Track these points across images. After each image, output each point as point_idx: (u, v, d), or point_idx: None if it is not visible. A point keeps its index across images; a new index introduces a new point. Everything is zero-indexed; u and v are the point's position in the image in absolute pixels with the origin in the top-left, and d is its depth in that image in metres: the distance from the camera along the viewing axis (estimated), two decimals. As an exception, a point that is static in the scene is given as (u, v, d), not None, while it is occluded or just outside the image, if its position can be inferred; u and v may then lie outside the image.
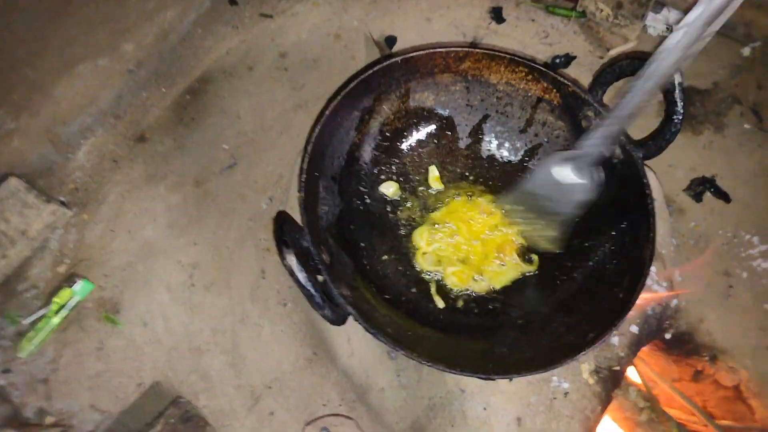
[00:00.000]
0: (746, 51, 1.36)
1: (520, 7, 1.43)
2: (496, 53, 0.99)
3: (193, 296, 1.13)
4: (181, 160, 1.25)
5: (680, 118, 0.89)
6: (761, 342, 1.06)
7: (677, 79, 0.88)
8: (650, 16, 1.37)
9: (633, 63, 0.92)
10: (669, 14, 1.37)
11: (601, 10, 1.33)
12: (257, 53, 1.36)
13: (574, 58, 1.36)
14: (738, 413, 1.03)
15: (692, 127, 1.28)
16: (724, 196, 1.21)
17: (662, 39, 1.38)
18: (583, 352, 0.78)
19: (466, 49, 0.99)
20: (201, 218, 1.19)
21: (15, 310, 1.09)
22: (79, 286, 1.10)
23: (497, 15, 1.41)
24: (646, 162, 0.94)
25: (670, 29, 1.38)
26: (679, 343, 1.06)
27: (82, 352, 1.08)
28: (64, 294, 1.09)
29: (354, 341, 1.00)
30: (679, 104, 0.88)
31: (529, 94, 1.03)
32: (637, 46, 1.37)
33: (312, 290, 0.71)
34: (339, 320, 0.75)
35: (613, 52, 1.35)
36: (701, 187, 1.22)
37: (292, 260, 0.70)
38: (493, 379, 0.80)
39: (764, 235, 1.16)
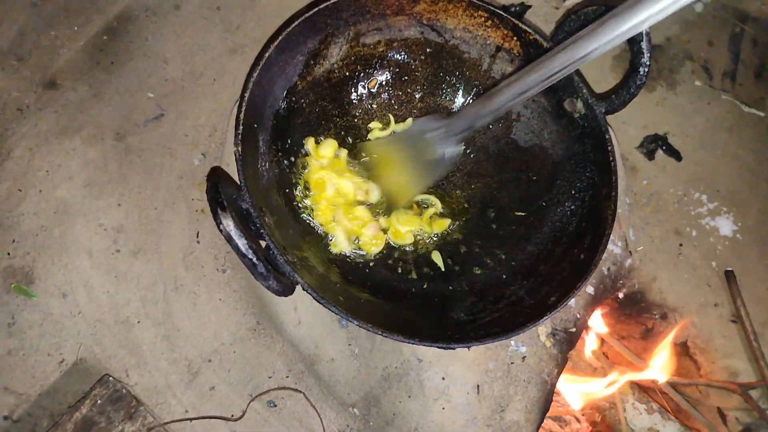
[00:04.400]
0: (698, 7, 1.33)
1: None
2: (455, -5, 0.90)
3: (119, 263, 1.01)
4: (98, 109, 1.11)
5: (647, 69, 0.84)
6: (708, 299, 1.07)
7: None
8: (607, -36, 1.32)
9: (598, 10, 0.86)
10: (626, -37, 1.31)
11: (558, -44, 1.27)
12: (185, -11, 1.21)
13: (529, 7, 1.28)
14: (685, 369, 1.04)
15: (646, 83, 1.26)
16: (675, 154, 1.20)
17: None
18: (546, 317, 0.75)
19: (422, -11, 0.90)
20: (124, 176, 1.07)
21: None
22: (-18, 254, 0.96)
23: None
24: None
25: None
26: (631, 301, 1.05)
27: (-11, 328, 0.95)
28: (-36, 263, 0.95)
29: (301, 309, 0.93)
30: (646, 55, 0.83)
31: (488, 42, 0.96)
32: (593, -5, 1.31)
33: (254, 259, 0.62)
34: (286, 291, 0.67)
35: (569, 2, 1.30)
36: (653, 144, 1.20)
37: (229, 225, 0.61)
38: (453, 348, 0.75)
39: (712, 193, 1.17)
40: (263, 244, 0.72)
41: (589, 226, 0.85)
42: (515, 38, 0.93)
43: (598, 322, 1.02)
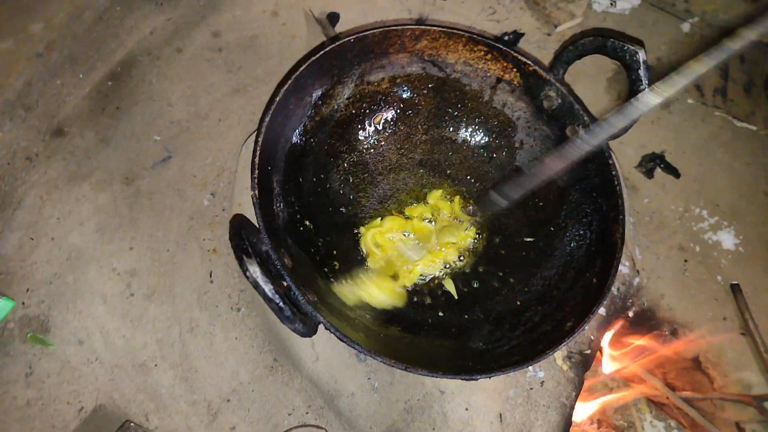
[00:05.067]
0: (685, 27, 1.37)
1: (465, -18, 1.37)
2: (455, 31, 0.93)
3: (134, 307, 1.02)
4: (106, 154, 1.12)
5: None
6: (717, 313, 1.08)
7: (641, 56, 0.86)
8: (595, -10, 1.36)
9: (595, 41, 0.89)
10: (613, -11, 1.36)
11: (548, -15, 1.30)
12: (186, 33, 1.23)
13: (523, 35, 1.33)
14: (698, 383, 1.05)
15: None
16: (673, 172, 1.22)
17: (606, 15, 1.38)
18: (565, 342, 0.76)
19: (423, 27, 0.92)
20: (135, 220, 1.08)
21: None
22: (-2, 304, 0.97)
23: (442, -10, 1.35)
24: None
25: (614, 4, 1.37)
26: (641, 320, 1.06)
27: (8, 379, 0.95)
28: (-20, 315, 0.95)
29: (318, 345, 0.94)
30: (644, 82, 0.86)
31: (488, 75, 0.98)
32: (584, 22, 1.35)
33: (280, 303, 0.63)
34: (310, 332, 0.68)
35: (561, 29, 1.33)
36: (652, 163, 1.23)
37: (255, 271, 0.62)
38: (476, 379, 0.76)
39: (712, 208, 1.19)
40: (285, 284, 0.73)
41: (599, 250, 0.87)
42: (515, 70, 0.95)
43: (610, 342, 1.04)
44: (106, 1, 1.18)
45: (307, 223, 0.91)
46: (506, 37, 1.31)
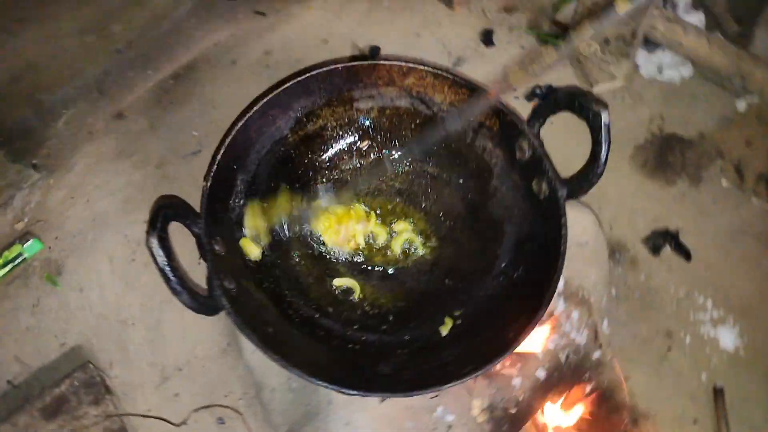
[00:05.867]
0: (741, 105, 1.27)
1: (513, 33, 1.40)
2: (440, 73, 0.97)
3: (132, 271, 1.17)
4: (151, 140, 1.30)
5: (604, 161, 0.84)
6: (687, 413, 0.98)
7: (604, 118, 0.84)
8: (643, 56, 1.31)
9: (566, 97, 0.89)
10: (663, 56, 1.30)
11: (590, 45, 1.29)
12: (243, 48, 1.40)
13: (555, 90, 1.32)
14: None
15: (666, 176, 1.21)
16: (685, 254, 1.13)
17: (653, 82, 1.32)
18: (449, 385, 0.76)
19: (411, 64, 0.98)
20: (155, 198, 1.23)
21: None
22: (29, 244, 1.16)
23: (487, 38, 1.39)
24: (588, 203, 0.91)
25: (661, 72, 1.31)
26: (599, 399, 1.00)
27: (19, 306, 1.13)
28: (14, 250, 1.15)
29: (258, 338, 1.01)
30: (604, 147, 0.84)
31: (472, 118, 1.01)
32: (626, 85, 1.31)
33: (170, 275, 0.72)
34: (202, 309, 0.77)
35: (598, 89, 1.30)
36: (662, 240, 1.15)
37: (153, 242, 0.72)
38: (350, 395, 0.78)
39: (720, 300, 1.09)
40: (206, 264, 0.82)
41: (524, 308, 0.85)
42: (495, 117, 0.97)
43: (553, 412, 0.98)
44: (184, 14, 1.38)
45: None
46: (537, 90, 1.31)
